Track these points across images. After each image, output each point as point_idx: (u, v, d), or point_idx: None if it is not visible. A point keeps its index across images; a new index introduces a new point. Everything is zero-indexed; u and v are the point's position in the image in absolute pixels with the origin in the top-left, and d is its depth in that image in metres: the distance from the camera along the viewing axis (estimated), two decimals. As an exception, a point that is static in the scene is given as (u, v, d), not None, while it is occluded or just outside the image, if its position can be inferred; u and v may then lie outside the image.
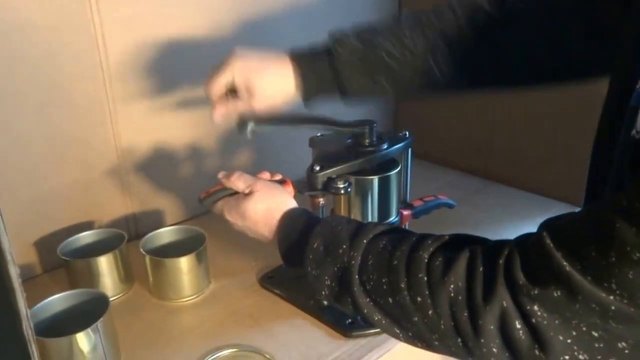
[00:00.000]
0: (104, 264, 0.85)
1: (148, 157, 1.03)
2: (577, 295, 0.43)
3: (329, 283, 0.60)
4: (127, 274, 0.89)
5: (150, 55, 0.97)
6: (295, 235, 0.66)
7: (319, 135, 0.84)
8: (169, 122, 1.04)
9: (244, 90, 0.72)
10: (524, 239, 0.49)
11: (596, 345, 0.44)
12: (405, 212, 0.83)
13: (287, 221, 0.68)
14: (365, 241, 0.58)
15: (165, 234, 0.92)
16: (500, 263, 0.47)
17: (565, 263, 0.43)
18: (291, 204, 0.70)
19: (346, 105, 0.74)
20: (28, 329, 0.35)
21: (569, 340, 0.44)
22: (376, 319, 0.56)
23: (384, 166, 0.79)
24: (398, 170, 0.80)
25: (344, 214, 0.80)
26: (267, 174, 0.75)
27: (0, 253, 0.32)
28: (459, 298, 0.49)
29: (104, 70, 0.92)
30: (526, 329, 0.45)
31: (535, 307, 0.45)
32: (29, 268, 0.93)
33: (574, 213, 0.46)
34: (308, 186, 0.75)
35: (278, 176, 0.76)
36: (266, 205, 0.69)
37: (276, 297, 0.86)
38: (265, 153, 1.19)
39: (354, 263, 0.57)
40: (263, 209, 0.69)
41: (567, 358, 0.45)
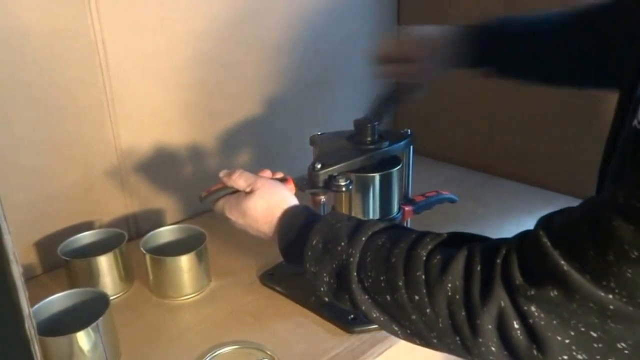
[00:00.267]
0: (104, 263, 0.85)
1: (148, 157, 1.03)
2: (575, 295, 0.42)
3: (327, 280, 0.60)
4: (128, 273, 0.89)
5: (149, 58, 0.97)
6: (295, 232, 0.66)
7: (319, 133, 0.84)
8: (169, 123, 1.04)
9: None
10: (522, 237, 0.48)
11: (595, 346, 0.43)
12: (407, 208, 0.83)
13: (287, 218, 0.68)
14: (363, 239, 0.58)
15: (166, 233, 0.92)
16: (498, 262, 0.47)
17: (562, 262, 0.43)
18: (292, 201, 0.70)
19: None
20: (30, 328, 0.34)
21: (567, 341, 0.44)
22: (374, 316, 0.56)
23: (385, 163, 0.79)
24: (399, 167, 0.80)
25: (345, 211, 0.80)
26: (269, 172, 0.75)
27: (3, 252, 0.32)
28: (457, 297, 0.49)
29: (104, 73, 0.93)
30: (524, 329, 0.45)
31: (533, 308, 0.45)
32: (29, 268, 0.93)
33: (571, 209, 0.46)
34: (309, 184, 0.75)
35: (279, 174, 0.76)
36: (267, 202, 0.69)
37: (277, 295, 0.86)
38: (266, 152, 1.19)
39: (352, 260, 0.57)
40: (263, 206, 0.69)
41: (566, 358, 0.44)
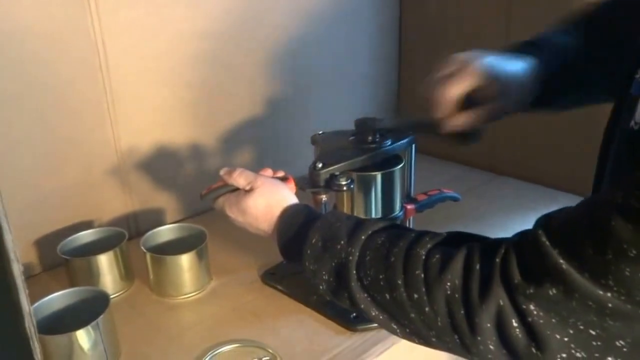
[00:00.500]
0: (104, 262, 0.85)
1: (148, 157, 1.03)
2: (574, 293, 0.42)
3: (326, 278, 0.60)
4: (128, 272, 0.89)
5: (149, 58, 0.97)
6: (294, 231, 0.65)
7: (320, 132, 0.84)
8: (169, 123, 1.04)
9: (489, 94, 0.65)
10: (521, 236, 0.48)
11: (593, 343, 0.43)
12: (409, 207, 0.83)
13: (287, 217, 0.68)
14: (363, 237, 0.58)
15: (166, 232, 0.92)
16: (497, 261, 0.47)
17: (561, 261, 0.43)
18: (292, 200, 0.70)
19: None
20: (31, 326, 0.35)
21: (565, 339, 0.44)
22: (373, 314, 0.56)
23: (387, 162, 0.79)
24: (401, 166, 0.79)
25: (347, 210, 0.79)
26: (270, 171, 0.75)
27: (3, 251, 0.32)
28: (456, 296, 0.49)
29: (104, 73, 0.93)
30: (522, 327, 0.45)
31: (532, 306, 0.45)
32: (29, 267, 0.93)
33: (569, 208, 0.46)
34: (310, 183, 0.75)
35: (280, 173, 0.76)
36: (266, 201, 0.69)
37: (278, 293, 0.85)
38: (266, 151, 1.19)
39: (351, 259, 0.57)
40: (263, 204, 0.69)
41: (564, 356, 0.44)
